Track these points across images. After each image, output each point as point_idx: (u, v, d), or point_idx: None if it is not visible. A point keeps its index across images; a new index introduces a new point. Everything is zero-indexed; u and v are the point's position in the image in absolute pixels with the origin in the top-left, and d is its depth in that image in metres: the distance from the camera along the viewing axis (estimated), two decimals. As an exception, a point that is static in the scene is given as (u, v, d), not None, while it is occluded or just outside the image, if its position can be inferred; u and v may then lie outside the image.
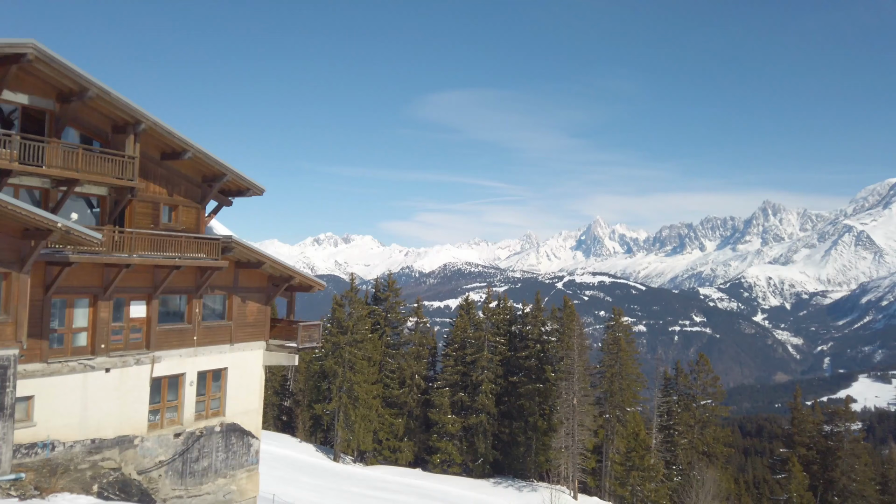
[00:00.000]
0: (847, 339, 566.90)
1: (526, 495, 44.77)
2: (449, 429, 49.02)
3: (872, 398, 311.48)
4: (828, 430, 52.10)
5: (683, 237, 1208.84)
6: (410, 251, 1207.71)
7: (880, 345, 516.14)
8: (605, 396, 50.19)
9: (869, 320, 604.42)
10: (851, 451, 49.44)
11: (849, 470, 48.69)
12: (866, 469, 49.57)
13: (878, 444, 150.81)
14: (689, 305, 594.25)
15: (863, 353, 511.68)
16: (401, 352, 53.71)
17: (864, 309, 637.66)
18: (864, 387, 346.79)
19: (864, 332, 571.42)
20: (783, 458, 52.26)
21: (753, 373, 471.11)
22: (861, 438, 52.31)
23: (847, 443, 49.86)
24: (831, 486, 49.49)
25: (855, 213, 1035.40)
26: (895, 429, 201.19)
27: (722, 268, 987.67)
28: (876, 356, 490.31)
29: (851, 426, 51.49)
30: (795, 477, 44.95)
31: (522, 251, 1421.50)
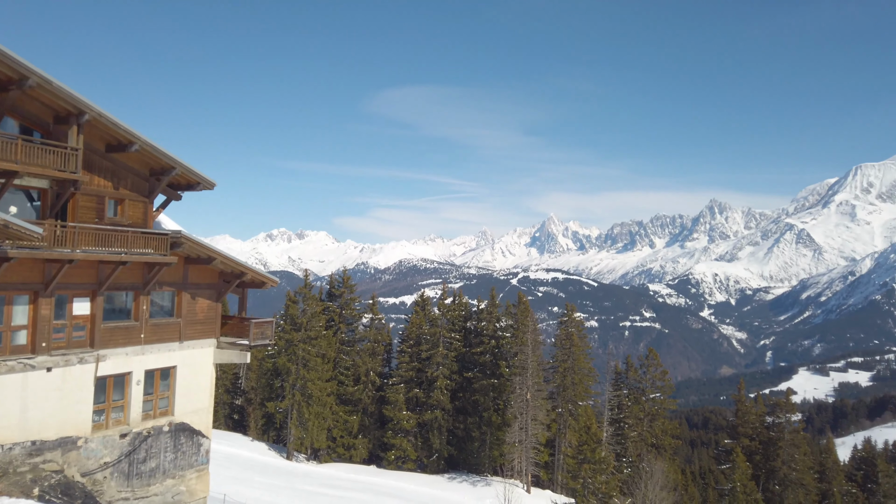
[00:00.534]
0: (788, 334, 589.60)
1: (480, 490, 45.13)
2: (404, 425, 48.99)
3: (811, 390, 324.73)
4: (770, 421, 54.03)
5: (634, 234, 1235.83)
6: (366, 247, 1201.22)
7: (819, 339, 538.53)
8: (558, 391, 50.94)
9: (808, 315, 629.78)
10: (791, 442, 51.40)
11: (789, 459, 50.63)
12: (805, 458, 51.64)
13: (816, 434, 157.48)
14: (640, 301, 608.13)
15: (802, 347, 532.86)
16: (356, 348, 53.37)
17: (804, 304, 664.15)
18: (803, 379, 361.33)
19: (804, 327, 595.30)
20: (728, 448, 53.99)
21: (700, 366, 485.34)
22: (800, 429, 54.44)
23: (787, 433, 51.81)
24: (773, 475, 51.40)
25: (796, 212, 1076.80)
26: (832, 419, 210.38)
27: (671, 264, 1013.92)
28: (815, 350, 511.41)
29: (792, 417, 53.47)
30: (739, 467, 46.50)
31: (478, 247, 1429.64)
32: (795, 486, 49.93)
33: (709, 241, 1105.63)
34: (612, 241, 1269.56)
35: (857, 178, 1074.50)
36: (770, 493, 50.78)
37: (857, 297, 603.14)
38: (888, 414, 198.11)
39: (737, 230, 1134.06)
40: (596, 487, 27.64)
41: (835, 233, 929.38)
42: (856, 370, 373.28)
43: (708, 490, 56.25)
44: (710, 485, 57.58)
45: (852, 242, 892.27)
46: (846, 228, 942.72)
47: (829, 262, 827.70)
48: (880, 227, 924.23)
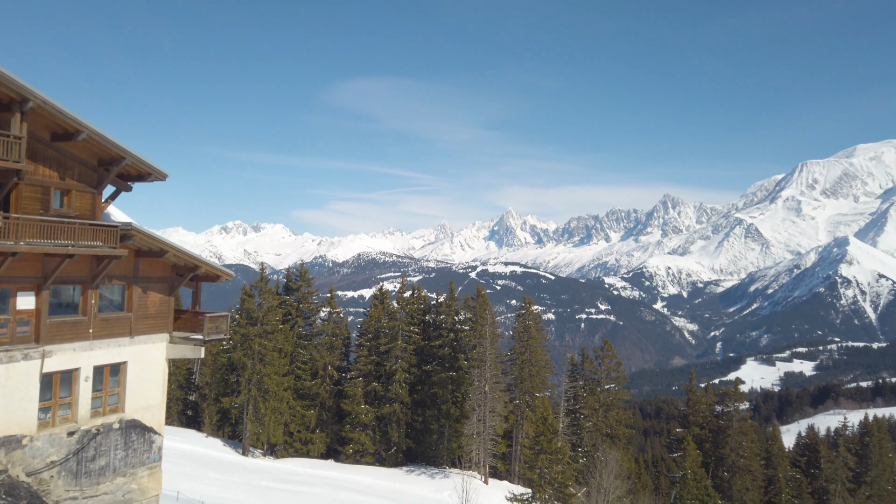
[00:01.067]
0: (737, 325, 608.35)
1: (438, 482, 45.35)
2: (362, 419, 48.82)
3: (759, 379, 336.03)
4: (719, 410, 55.69)
5: (590, 228, 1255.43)
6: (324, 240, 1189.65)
7: (766, 330, 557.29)
8: (516, 383, 51.48)
9: (756, 307, 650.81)
10: (740, 430, 53.09)
11: (737, 447, 52.30)
12: (752, 445, 53.43)
13: (763, 422, 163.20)
14: (595, 294, 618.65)
15: (750, 338, 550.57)
16: (313, 342, 52.88)
17: (752, 297, 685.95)
18: (751, 369, 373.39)
19: (752, 319, 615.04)
20: (679, 437, 55.47)
21: (654, 357, 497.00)
22: (748, 417, 56.20)
23: (736, 422, 53.48)
24: (722, 462, 53.05)
25: (745, 207, 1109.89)
26: (778, 408, 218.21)
27: (626, 258, 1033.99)
28: (762, 340, 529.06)
29: (740, 406, 55.17)
30: (690, 455, 47.81)
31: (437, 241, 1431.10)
32: (743, 473, 51.63)
33: (662, 236, 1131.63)
34: (569, 235, 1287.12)
35: (802, 174, 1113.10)
36: (719, 479, 52.42)
37: (802, 289, 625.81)
38: (830, 402, 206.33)
39: (689, 224, 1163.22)
40: (552, 477, 28.07)
41: (781, 227, 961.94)
42: (800, 360, 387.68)
43: (660, 477, 57.73)
44: (662, 472, 59.10)
45: (798, 237, 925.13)
46: (792, 223, 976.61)
47: (776, 255, 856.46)
48: (824, 222, 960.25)
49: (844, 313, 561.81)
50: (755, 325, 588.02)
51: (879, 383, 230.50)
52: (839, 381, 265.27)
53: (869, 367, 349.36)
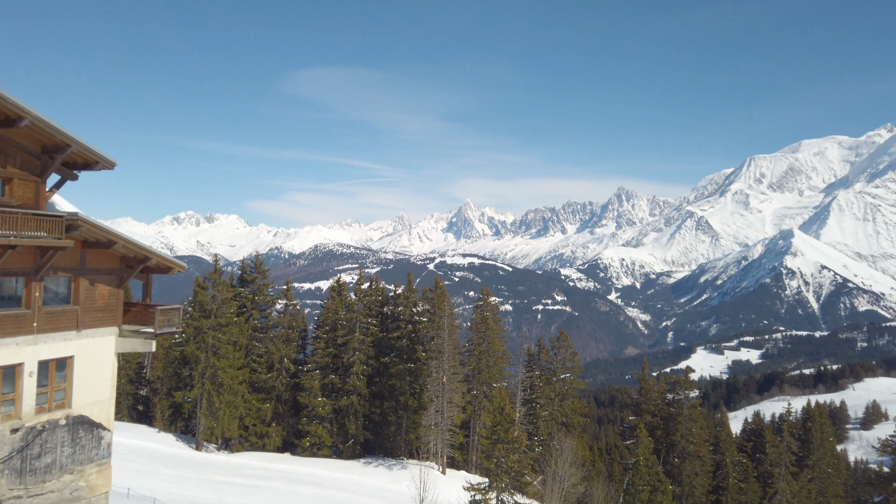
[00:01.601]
0: (687, 315, 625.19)
1: (396, 473, 45.41)
2: (319, 411, 48.46)
3: (708, 368, 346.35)
4: (670, 398, 57.17)
5: (547, 220, 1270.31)
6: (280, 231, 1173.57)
7: (715, 320, 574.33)
8: (474, 373, 51.82)
9: (706, 298, 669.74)
10: (690, 417, 54.63)
11: (687, 433, 53.83)
12: (702, 432, 55.05)
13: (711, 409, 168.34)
14: (552, 285, 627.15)
15: (700, 328, 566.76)
16: (269, 335, 52.14)
17: (703, 287, 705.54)
18: (701, 358, 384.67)
19: (702, 309, 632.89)
20: (632, 425, 56.78)
21: (608, 347, 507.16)
22: (698, 405, 57.85)
23: (686, 409, 55.00)
24: (672, 448, 54.54)
25: (696, 201, 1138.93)
26: (726, 395, 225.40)
27: (581, 250, 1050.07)
28: (711, 330, 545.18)
29: (690, 394, 56.74)
30: (642, 442, 48.99)
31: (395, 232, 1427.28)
32: (693, 458, 53.19)
33: (616, 228, 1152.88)
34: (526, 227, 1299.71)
35: (750, 168, 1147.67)
36: (670, 465, 53.90)
37: (750, 280, 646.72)
38: (775, 389, 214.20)
39: (642, 217, 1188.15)
40: (509, 466, 28.40)
41: (730, 220, 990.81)
42: (747, 349, 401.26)
43: (613, 464, 59.04)
44: (615, 459, 60.45)
45: (746, 229, 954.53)
46: (740, 216, 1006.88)
47: (725, 247, 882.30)
48: (770, 215, 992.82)
49: (789, 303, 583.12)
50: (705, 315, 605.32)
51: (821, 371, 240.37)
52: (783, 369, 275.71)
53: (811, 355, 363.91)
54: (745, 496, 53.20)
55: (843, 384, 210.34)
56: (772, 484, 54.07)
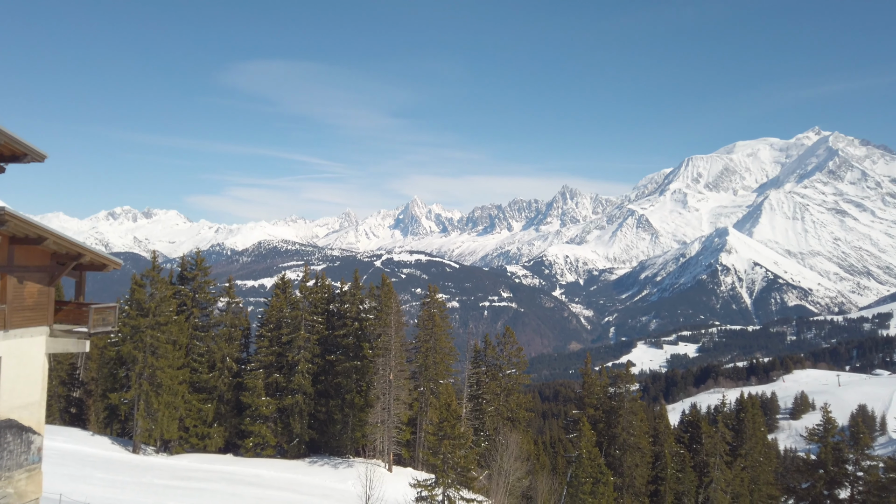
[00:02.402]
0: (629, 311, 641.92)
1: (342, 472, 45.07)
2: (263, 411, 47.60)
3: (648, 362, 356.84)
4: (612, 391, 58.59)
5: (494, 218, 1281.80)
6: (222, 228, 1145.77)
7: (655, 315, 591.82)
8: (421, 370, 51.87)
9: (646, 294, 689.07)
10: (630, 410, 56.14)
11: (628, 426, 55.31)
12: (642, 424, 56.66)
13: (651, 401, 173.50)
14: (498, 282, 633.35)
15: (641, 323, 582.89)
16: (210, 334, 50.83)
17: (643, 284, 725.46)
18: (641, 352, 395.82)
19: (642, 304, 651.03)
20: (575, 418, 57.95)
21: (552, 343, 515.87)
22: (638, 397, 59.45)
23: (627, 402, 56.48)
24: (614, 440, 55.94)
25: (637, 199, 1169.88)
26: (665, 388, 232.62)
27: (527, 247, 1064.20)
28: (651, 325, 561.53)
29: (631, 387, 58.26)
30: (585, 435, 50.05)
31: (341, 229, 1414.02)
32: (633, 450, 54.70)
33: (561, 225, 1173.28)
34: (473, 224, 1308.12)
35: (688, 168, 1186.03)
36: (611, 457, 55.28)
37: (687, 276, 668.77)
38: (711, 381, 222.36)
39: (585, 215, 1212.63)
40: (455, 462, 28.57)
41: (669, 218, 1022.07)
42: (685, 343, 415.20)
43: (557, 458, 60.14)
44: (559, 453, 61.57)
45: (684, 227, 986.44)
46: (679, 214, 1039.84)
47: (665, 245, 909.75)
48: (707, 214, 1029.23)
49: (724, 299, 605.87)
50: (645, 310, 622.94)
51: (753, 363, 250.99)
52: (719, 362, 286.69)
53: (744, 348, 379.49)
54: (682, 485, 55.07)
55: (774, 376, 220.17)
56: (707, 473, 56.09)
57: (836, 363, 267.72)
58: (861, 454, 39.59)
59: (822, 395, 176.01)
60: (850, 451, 39.93)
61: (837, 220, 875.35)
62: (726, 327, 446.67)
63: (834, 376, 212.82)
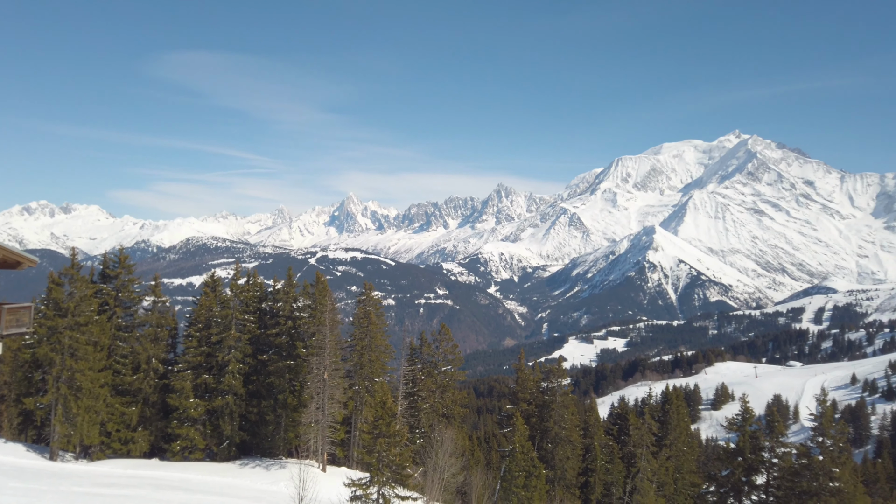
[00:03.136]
0: (561, 307, 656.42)
1: (274, 473, 44.25)
2: (191, 413, 46.12)
3: (579, 356, 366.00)
4: (545, 386, 59.76)
5: (430, 215, 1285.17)
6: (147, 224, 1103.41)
7: (586, 311, 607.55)
8: (356, 369, 51.45)
9: (577, 290, 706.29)
10: (562, 404, 57.43)
11: (560, 419, 56.58)
12: (573, 417, 58.09)
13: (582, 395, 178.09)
14: (434, 279, 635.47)
15: (572, 319, 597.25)
16: (135, 334, 48.82)
17: (574, 281, 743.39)
18: (573, 347, 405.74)
19: (574, 301, 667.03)
20: (509, 413, 58.85)
21: (487, 339, 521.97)
22: (569, 391, 60.85)
23: (559, 396, 57.75)
24: (546, 434, 57.13)
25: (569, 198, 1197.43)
26: (595, 381, 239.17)
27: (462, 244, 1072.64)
28: (582, 321, 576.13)
29: (563, 382, 59.57)
30: (518, 429, 50.89)
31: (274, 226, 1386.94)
32: (564, 443, 56.02)
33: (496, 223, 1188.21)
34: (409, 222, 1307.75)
35: (618, 168, 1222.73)
36: (544, 450, 56.45)
37: (616, 273, 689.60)
38: (638, 375, 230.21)
39: (520, 213, 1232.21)
40: (390, 460, 28.52)
41: (600, 217, 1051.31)
42: (614, 338, 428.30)
43: (491, 452, 60.96)
44: (493, 448, 62.43)
45: (613, 226, 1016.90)
46: (609, 213, 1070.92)
47: (595, 242, 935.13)
48: (635, 213, 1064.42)
49: (651, 295, 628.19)
50: (577, 306, 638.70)
51: (678, 357, 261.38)
52: (646, 356, 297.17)
53: (670, 342, 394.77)
54: (611, 476, 56.85)
55: (697, 369, 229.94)
56: (635, 463, 58.06)
57: (754, 355, 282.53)
58: (776, 442, 41.84)
59: (741, 386, 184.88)
60: (766, 439, 42.13)
61: (755, 219, 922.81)
62: (653, 322, 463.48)
63: (752, 368, 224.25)
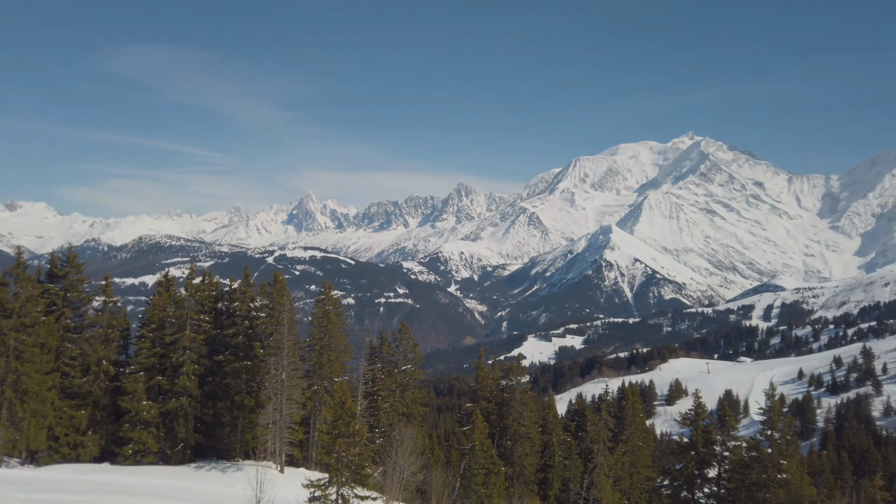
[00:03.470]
0: (520, 306, 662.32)
1: (231, 475, 43.51)
2: (144, 416, 44.96)
3: (538, 354, 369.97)
4: (504, 384, 60.18)
5: (390, 214, 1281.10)
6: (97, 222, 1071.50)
7: (544, 309, 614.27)
8: (315, 369, 50.92)
9: (537, 289, 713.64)
10: (521, 401, 57.94)
11: (519, 417, 57.08)
12: (532, 415, 58.66)
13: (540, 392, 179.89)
14: (394, 278, 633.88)
15: (531, 317, 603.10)
16: (84, 336, 47.30)
17: (534, 279, 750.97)
18: (531, 345, 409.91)
19: (533, 299, 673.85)
20: (469, 411, 59.08)
21: (447, 338, 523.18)
22: (528, 389, 61.43)
23: (518, 394, 58.23)
24: (506, 431, 57.57)
25: (528, 197, 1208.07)
26: (553, 378, 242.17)
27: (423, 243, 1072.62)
28: (541, 319, 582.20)
29: (522, 379, 60.09)
30: (478, 427, 51.16)
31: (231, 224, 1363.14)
32: (523, 440, 56.55)
33: (456, 222, 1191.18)
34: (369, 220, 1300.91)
35: (576, 168, 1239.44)
36: (503, 448, 56.89)
37: (574, 272, 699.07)
38: (595, 371, 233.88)
39: (480, 212, 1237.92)
40: (350, 460, 28.36)
41: (558, 216, 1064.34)
42: (572, 335, 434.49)
43: (451, 451, 61.13)
44: (453, 446, 62.60)
45: (572, 225, 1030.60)
46: (567, 213, 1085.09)
47: (554, 241, 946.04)
48: (593, 212, 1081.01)
49: (607, 293, 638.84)
50: (535, 305, 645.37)
51: (634, 353, 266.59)
52: (603, 353, 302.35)
53: (626, 339, 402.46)
54: (568, 472, 57.66)
55: (652, 365, 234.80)
56: (592, 459, 58.99)
57: (706, 352, 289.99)
58: (727, 436, 43.07)
59: (694, 381, 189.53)
60: (718, 433, 43.34)
61: (708, 219, 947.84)
62: (609, 320, 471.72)
63: (704, 364, 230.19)
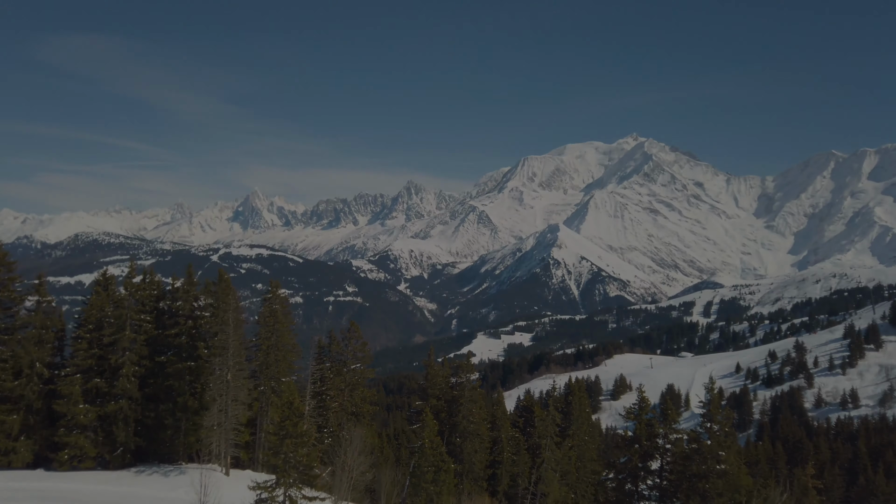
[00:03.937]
0: (470, 304, 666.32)
1: (173, 479, 42.36)
2: (80, 420, 43.25)
3: (487, 352, 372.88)
4: (453, 381, 60.40)
5: (339, 212, 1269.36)
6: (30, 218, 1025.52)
7: (494, 307, 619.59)
8: (261, 369, 49.97)
9: (486, 287, 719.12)
10: (471, 398, 58.27)
11: (468, 414, 57.39)
12: (481, 411, 59.07)
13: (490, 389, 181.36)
14: (343, 277, 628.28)
15: (481, 315, 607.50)
16: (16, 337, 45.13)
17: (483, 277, 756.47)
18: (481, 343, 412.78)
19: (483, 297, 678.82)
20: (418, 409, 59.05)
21: (397, 336, 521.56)
22: (478, 386, 61.76)
23: (467, 391, 58.53)
24: (455, 428, 57.80)
25: (478, 196, 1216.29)
26: (503, 375, 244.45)
27: (372, 241, 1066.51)
28: (490, 316, 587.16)
29: (471, 377, 60.40)
30: (428, 425, 51.18)
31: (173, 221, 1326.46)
32: (473, 437, 56.91)
33: (406, 220, 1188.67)
34: (317, 218, 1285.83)
35: (524, 167, 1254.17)
36: (453, 445, 57.12)
37: (523, 270, 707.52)
38: (543, 368, 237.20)
39: (430, 210, 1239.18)
40: (297, 461, 28.00)
41: (507, 215, 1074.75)
42: (521, 333, 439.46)
43: (401, 449, 61.02)
44: (403, 444, 62.50)
45: (520, 223, 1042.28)
46: (516, 211, 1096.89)
47: (503, 240, 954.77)
48: (541, 211, 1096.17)
49: (555, 290, 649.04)
50: (485, 302, 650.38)
51: (580, 350, 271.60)
52: (550, 350, 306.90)
53: (573, 336, 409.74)
54: (517, 467, 58.36)
55: (598, 361, 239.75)
56: (539, 454, 59.83)
57: (650, 347, 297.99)
58: (669, 429, 44.37)
59: (638, 376, 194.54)
60: (661, 427, 44.60)
61: (651, 218, 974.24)
62: (557, 317, 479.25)
63: (648, 359, 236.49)
